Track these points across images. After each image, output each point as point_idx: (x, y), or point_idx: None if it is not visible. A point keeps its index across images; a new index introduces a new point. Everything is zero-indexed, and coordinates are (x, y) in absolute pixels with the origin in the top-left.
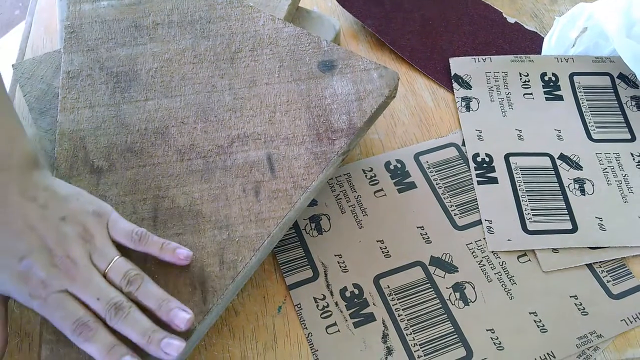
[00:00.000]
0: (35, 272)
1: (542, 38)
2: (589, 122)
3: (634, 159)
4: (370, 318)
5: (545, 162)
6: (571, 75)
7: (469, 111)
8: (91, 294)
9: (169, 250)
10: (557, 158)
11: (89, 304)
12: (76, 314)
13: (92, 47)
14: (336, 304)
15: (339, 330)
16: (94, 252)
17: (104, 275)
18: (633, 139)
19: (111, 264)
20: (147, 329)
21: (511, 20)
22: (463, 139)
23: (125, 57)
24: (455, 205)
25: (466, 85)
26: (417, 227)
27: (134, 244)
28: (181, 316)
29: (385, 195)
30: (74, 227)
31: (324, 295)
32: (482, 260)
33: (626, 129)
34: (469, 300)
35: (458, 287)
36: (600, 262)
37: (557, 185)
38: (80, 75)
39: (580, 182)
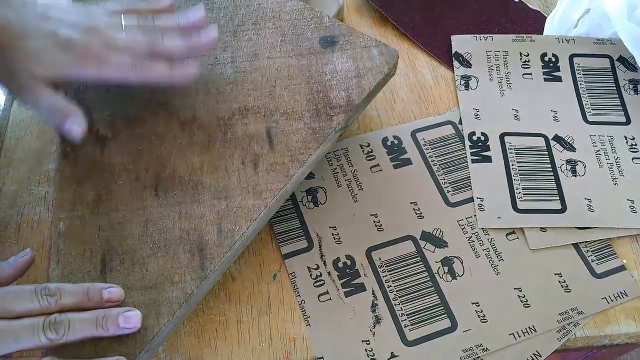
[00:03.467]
0: (76, 42)
1: (545, 18)
2: (586, 104)
3: (627, 142)
4: (361, 288)
5: (540, 142)
6: (571, 57)
7: (467, 90)
8: (127, 42)
9: None
10: (552, 139)
11: (129, 49)
12: (129, 60)
13: None
14: (329, 274)
15: (330, 299)
16: (105, 22)
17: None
18: (628, 122)
19: (123, 22)
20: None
21: None
22: (460, 118)
23: None
24: (449, 183)
25: (467, 63)
26: (411, 203)
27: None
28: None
29: (381, 170)
30: (78, 14)
31: (317, 265)
32: (471, 237)
33: (622, 112)
34: (457, 275)
35: (447, 262)
36: (586, 242)
37: (550, 166)
38: None
39: (572, 163)
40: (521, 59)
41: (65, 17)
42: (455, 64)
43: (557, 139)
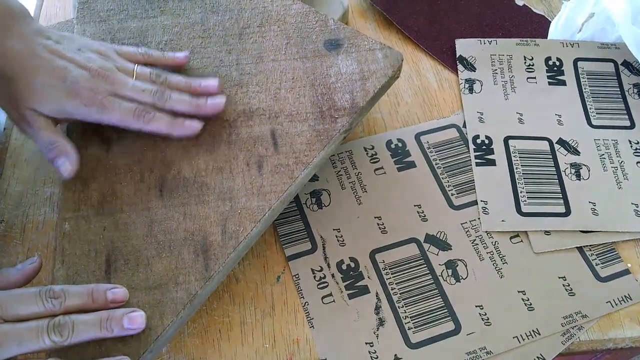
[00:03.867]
0: (82, 85)
1: (549, 22)
2: (590, 108)
3: (631, 146)
4: (365, 290)
5: (544, 146)
6: (575, 61)
7: (471, 93)
8: (135, 90)
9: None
10: (556, 142)
11: (136, 98)
12: (133, 106)
13: (104, 18)
14: (332, 275)
15: (334, 301)
16: (117, 66)
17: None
18: (632, 126)
19: (135, 69)
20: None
21: (520, 2)
22: (464, 121)
23: (136, 29)
24: (453, 186)
25: (471, 67)
26: (415, 205)
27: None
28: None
29: (385, 173)
30: (91, 53)
31: (321, 267)
32: (475, 240)
33: (626, 116)
34: (461, 277)
35: (450, 264)
36: (590, 245)
37: (554, 169)
38: None
39: (576, 167)
40: (525, 62)
41: (76, 55)
42: (459, 67)
43: (561, 142)
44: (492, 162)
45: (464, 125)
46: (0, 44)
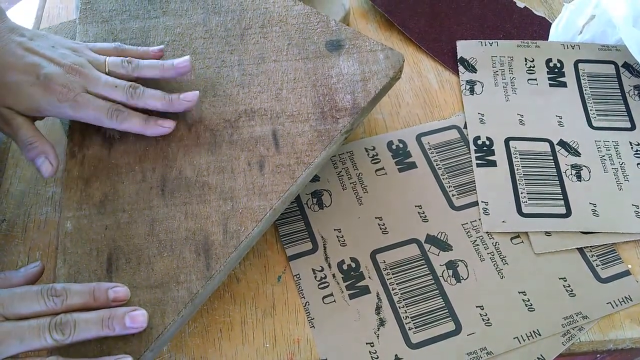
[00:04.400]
0: (55, 80)
1: (550, 24)
2: (591, 110)
3: (632, 148)
4: (365, 290)
5: (545, 147)
6: (576, 63)
7: (472, 94)
8: (108, 86)
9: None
10: (557, 144)
11: (108, 95)
12: (106, 104)
13: (107, 19)
14: (333, 275)
15: (335, 301)
16: (89, 59)
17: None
18: (633, 127)
19: (107, 60)
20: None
21: (520, 4)
22: (465, 122)
23: (139, 30)
24: (454, 186)
25: (472, 68)
26: (415, 206)
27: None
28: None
29: (385, 173)
30: (64, 49)
31: (322, 267)
32: (476, 240)
33: (627, 118)
34: (461, 278)
35: (451, 265)
36: (591, 246)
37: (555, 170)
38: None
39: (577, 168)
40: (526, 64)
41: (49, 52)
42: (460, 68)
43: (562, 143)
44: (492, 163)
45: (465, 127)
46: None
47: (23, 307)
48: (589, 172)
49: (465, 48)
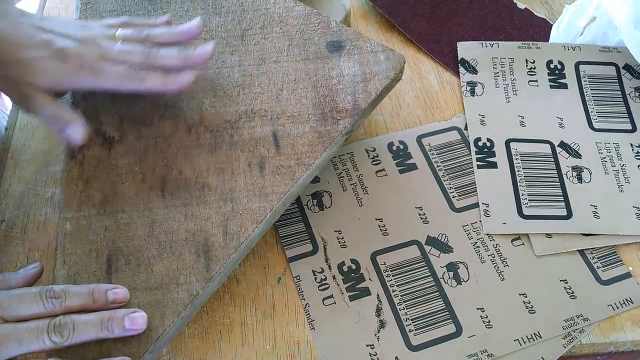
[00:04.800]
0: (71, 52)
1: (551, 25)
2: (592, 111)
3: (633, 150)
4: (366, 292)
5: (545, 149)
6: (577, 64)
7: (473, 96)
8: (122, 52)
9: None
10: (557, 145)
11: (125, 59)
12: (124, 69)
13: None
14: (334, 277)
15: (335, 303)
16: (100, 33)
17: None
18: (634, 129)
19: (117, 33)
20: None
21: (521, 6)
22: (466, 123)
23: None
24: (454, 188)
25: (472, 69)
26: (416, 208)
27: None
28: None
29: (386, 175)
30: (74, 26)
31: (322, 268)
32: (476, 242)
33: (628, 120)
34: (462, 280)
35: (452, 267)
36: (592, 248)
37: (555, 172)
38: None
39: (578, 170)
40: (527, 65)
41: (60, 28)
42: (461, 69)
43: (563, 145)
44: (493, 165)
45: (466, 128)
46: None
47: (22, 309)
48: (590, 174)
49: (466, 49)
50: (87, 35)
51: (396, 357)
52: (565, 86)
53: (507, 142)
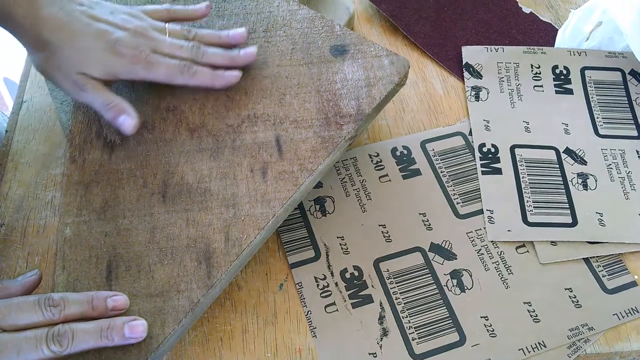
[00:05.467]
0: (126, 44)
1: (557, 30)
2: (597, 117)
3: (638, 156)
4: (368, 300)
5: (550, 155)
6: (583, 69)
7: (477, 101)
8: (174, 46)
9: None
10: (563, 152)
11: (175, 54)
12: (177, 62)
13: None
14: (336, 284)
15: (337, 310)
16: (150, 25)
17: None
18: None
19: (167, 27)
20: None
21: (527, 10)
22: (470, 129)
23: None
24: (458, 194)
25: (477, 74)
26: (420, 214)
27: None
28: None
29: (389, 180)
30: (123, 15)
31: (324, 275)
32: (481, 249)
33: (633, 126)
34: (466, 287)
35: (455, 274)
36: (597, 256)
37: (560, 178)
38: None
39: (583, 176)
40: (532, 70)
41: (112, 18)
42: (466, 74)
43: (568, 151)
44: (498, 171)
45: (470, 133)
46: (39, 11)
47: (20, 317)
48: (595, 181)
49: (470, 54)
50: (139, 27)
51: None
52: (570, 92)
53: (512, 148)
